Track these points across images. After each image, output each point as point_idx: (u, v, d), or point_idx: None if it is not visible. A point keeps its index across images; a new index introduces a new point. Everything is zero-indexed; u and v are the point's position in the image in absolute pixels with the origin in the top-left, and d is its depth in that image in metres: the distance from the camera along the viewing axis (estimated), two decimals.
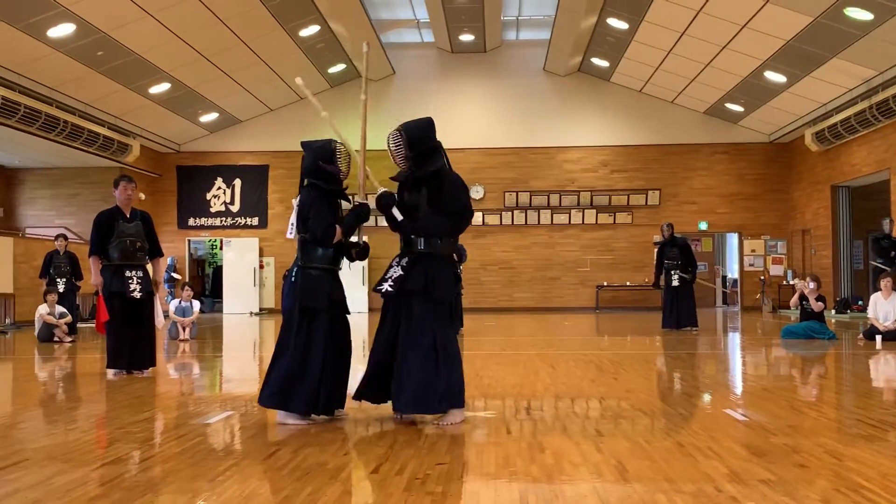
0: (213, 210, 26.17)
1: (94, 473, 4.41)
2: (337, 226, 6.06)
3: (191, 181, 26.16)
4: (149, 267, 9.45)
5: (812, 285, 13.75)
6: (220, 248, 27.03)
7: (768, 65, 19.86)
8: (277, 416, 5.94)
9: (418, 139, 6.09)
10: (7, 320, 19.50)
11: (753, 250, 25.82)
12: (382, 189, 6.07)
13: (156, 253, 9.45)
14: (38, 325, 14.73)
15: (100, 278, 8.97)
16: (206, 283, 28.95)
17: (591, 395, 7.28)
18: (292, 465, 4.59)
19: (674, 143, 25.73)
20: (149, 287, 9.17)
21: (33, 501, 3.86)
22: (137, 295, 9.01)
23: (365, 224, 6.31)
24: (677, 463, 4.54)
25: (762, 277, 25.24)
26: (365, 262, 25.18)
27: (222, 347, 14.32)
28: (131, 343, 9.03)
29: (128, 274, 8.99)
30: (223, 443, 5.44)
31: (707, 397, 7.42)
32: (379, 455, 4.81)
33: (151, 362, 9.26)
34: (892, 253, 15.07)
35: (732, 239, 27.71)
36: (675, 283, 15.96)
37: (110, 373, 9.10)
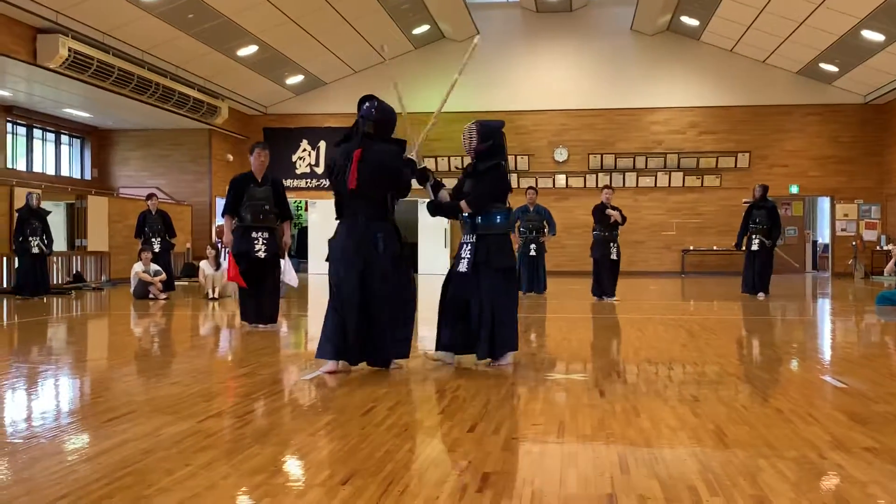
0: (298, 172, 26.49)
1: (200, 425, 4.54)
2: None
3: (277, 143, 26.42)
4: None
5: None
6: (306, 210, 27.38)
7: (866, 23, 19.16)
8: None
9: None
10: (103, 277, 20.13)
11: (846, 215, 25.12)
12: (424, 166, 6.76)
13: (286, 216, 9.94)
14: (133, 283, 15.18)
15: (230, 237, 9.64)
16: (293, 243, 29.42)
17: (683, 360, 7.20)
18: (389, 421, 4.66)
19: (765, 105, 25.10)
20: (275, 248, 9.71)
21: (143, 451, 3.99)
22: (262, 255, 9.58)
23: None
24: (777, 429, 4.48)
25: (854, 243, 24.56)
26: (448, 226, 25.36)
27: (307, 307, 14.55)
28: (256, 299, 9.67)
29: (254, 235, 9.57)
30: (320, 398, 5.55)
31: (802, 364, 7.28)
32: (473, 414, 4.85)
33: (272, 319, 9.82)
34: None
35: (824, 203, 27.00)
36: (755, 247, 15.63)
37: (245, 325, 9.78)
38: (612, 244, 14.39)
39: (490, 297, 6.64)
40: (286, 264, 10.09)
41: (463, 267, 6.72)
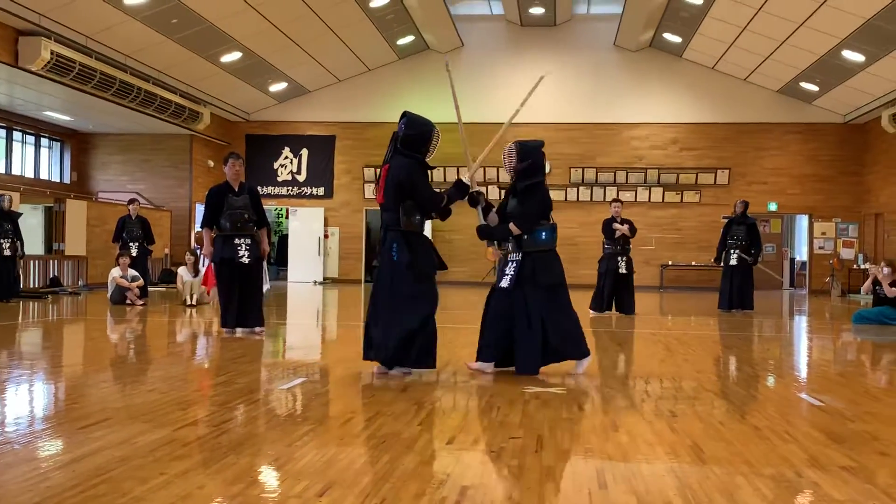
0: (280, 179, 26.41)
1: (176, 434, 4.50)
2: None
3: (259, 150, 26.41)
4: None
5: (886, 270, 13.45)
6: (286, 217, 27.31)
7: (846, 43, 19.35)
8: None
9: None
10: (80, 282, 19.98)
11: (824, 233, 25.31)
12: (477, 190, 6.97)
13: (262, 223, 10.14)
14: (110, 288, 15.07)
15: (211, 248, 9.78)
16: (272, 251, 29.30)
17: (661, 375, 7.22)
18: (367, 433, 4.64)
19: (745, 122, 25.27)
20: (257, 254, 9.95)
21: (118, 459, 3.95)
22: (246, 260, 9.81)
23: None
24: (754, 446, 4.49)
25: (831, 262, 24.74)
26: (430, 236, 25.32)
27: (286, 315, 14.49)
28: (240, 305, 9.86)
29: (237, 241, 9.78)
30: (298, 408, 5.52)
31: (780, 381, 7.31)
32: (452, 427, 4.84)
33: (259, 322, 10.07)
34: None
35: (802, 221, 27.18)
36: (733, 261, 15.69)
37: (224, 331, 9.93)
38: (620, 258, 14.30)
39: (539, 313, 6.83)
40: (264, 269, 10.21)
41: (505, 283, 6.92)
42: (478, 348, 7.07)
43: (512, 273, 6.91)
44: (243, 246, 9.79)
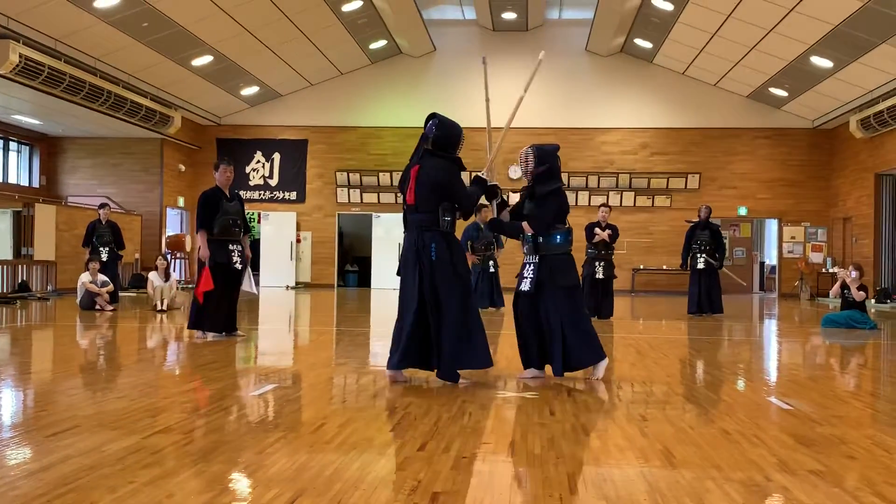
0: (251, 183, 26.31)
1: (146, 442, 4.47)
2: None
3: (230, 154, 26.18)
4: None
5: (854, 274, 13.59)
6: (258, 222, 27.20)
7: (815, 49, 19.57)
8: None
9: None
10: (49, 287, 19.78)
11: (793, 237, 25.56)
12: (495, 184, 7.07)
13: (247, 230, 10.36)
14: (79, 293, 14.93)
15: (207, 251, 9.81)
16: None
17: (632, 379, 7.25)
18: (339, 439, 4.63)
19: (715, 127, 25.48)
20: (244, 259, 10.14)
21: (86, 468, 3.91)
22: (238, 266, 10.01)
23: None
24: (724, 450, 4.52)
25: (798, 266, 24.96)
26: (402, 241, 25.31)
27: (258, 320, 14.42)
28: (228, 310, 10.07)
29: (230, 247, 9.94)
30: (269, 415, 5.50)
31: (749, 385, 7.37)
32: (424, 433, 4.83)
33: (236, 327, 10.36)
34: None
35: (772, 225, 27.42)
36: (701, 265, 15.81)
37: (198, 334, 9.98)
38: (598, 262, 14.33)
39: (558, 315, 6.93)
40: (248, 275, 10.28)
41: (526, 286, 7.04)
42: (521, 357, 7.18)
43: (532, 276, 7.02)
44: (236, 252, 9.99)
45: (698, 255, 15.86)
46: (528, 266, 7.13)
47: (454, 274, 6.65)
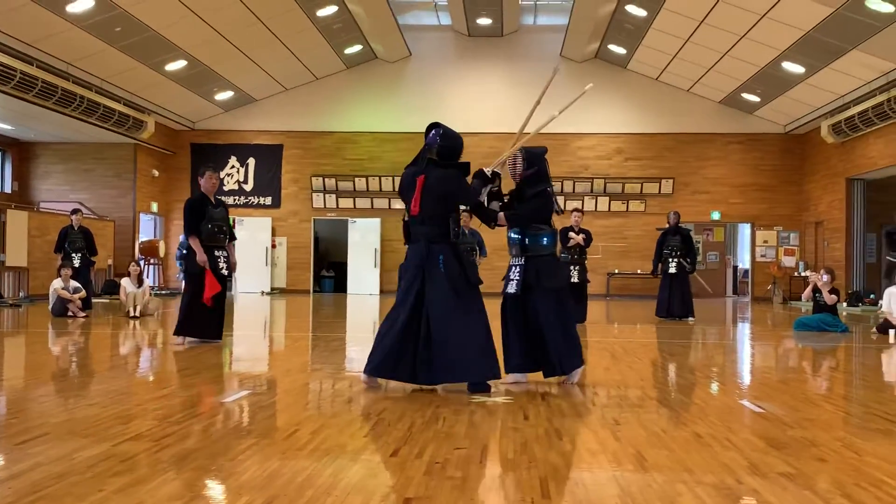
0: (226, 189, 26.18)
1: (116, 449, 4.43)
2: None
3: (205, 159, 26.09)
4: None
5: (826, 278, 13.71)
6: (233, 227, 27.04)
7: (786, 55, 19.76)
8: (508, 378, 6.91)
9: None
10: (21, 294, 19.60)
11: (766, 241, 25.77)
12: (493, 169, 7.07)
13: (233, 237, 10.44)
14: (52, 300, 14.80)
15: (204, 256, 9.81)
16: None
17: (606, 383, 7.27)
18: (312, 445, 4.61)
19: (689, 133, 25.66)
20: (229, 265, 10.20)
21: (56, 476, 3.88)
22: (225, 272, 10.06)
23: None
24: (696, 453, 4.54)
25: (771, 270, 25.15)
26: (378, 246, 25.36)
27: (232, 326, 14.35)
28: (217, 316, 10.06)
29: (217, 253, 9.97)
30: (242, 421, 5.47)
31: (722, 388, 7.42)
32: (397, 438, 4.82)
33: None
34: None
35: (745, 229, 27.63)
36: (672, 269, 15.90)
37: (177, 340, 9.92)
38: (573, 267, 14.37)
39: (546, 317, 6.87)
40: (233, 282, 10.36)
41: (512, 288, 7.00)
42: (504, 360, 7.01)
43: (518, 278, 6.98)
44: (222, 258, 10.03)
45: (670, 260, 15.96)
46: (514, 268, 7.09)
47: (466, 284, 6.59)
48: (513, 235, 7.12)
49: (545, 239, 7.11)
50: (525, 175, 7.15)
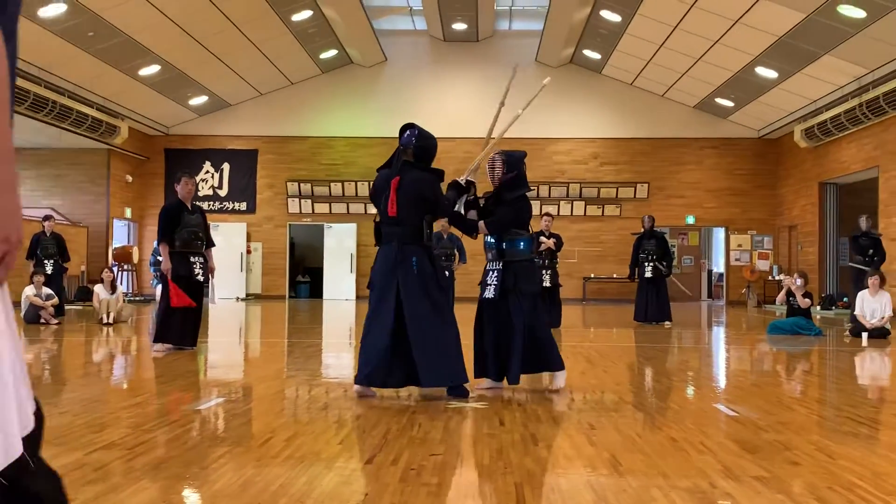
0: (200, 194, 26.03)
1: (88, 458, 4.39)
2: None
3: (179, 164, 25.95)
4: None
5: (799, 282, 13.82)
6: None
7: (760, 60, 19.92)
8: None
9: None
10: None
11: (740, 245, 25.94)
12: (468, 179, 7.07)
13: (210, 243, 10.32)
14: (24, 307, 14.65)
15: (169, 264, 9.73)
16: None
17: (582, 388, 7.29)
18: (286, 453, 4.59)
19: (663, 137, 25.81)
20: (207, 272, 10.10)
21: None
22: (201, 278, 9.98)
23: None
24: (670, 458, 4.56)
25: (745, 274, 25.33)
26: (354, 251, 25.33)
27: (207, 332, 14.27)
28: (193, 322, 9.98)
29: (192, 259, 9.87)
30: (216, 429, 5.43)
31: (696, 392, 7.45)
32: (373, 445, 4.81)
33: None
34: (871, 251, 15.17)
35: (719, 233, 27.82)
36: (649, 273, 15.95)
37: (157, 347, 9.79)
38: (545, 271, 14.39)
39: (524, 321, 6.82)
40: (211, 286, 10.47)
41: (490, 293, 6.94)
42: (476, 365, 6.99)
43: (496, 283, 6.93)
44: (198, 264, 9.92)
45: (646, 264, 16.01)
46: (491, 273, 7.02)
47: (437, 288, 6.57)
48: (490, 240, 7.09)
49: (522, 244, 7.08)
50: (505, 179, 7.08)
